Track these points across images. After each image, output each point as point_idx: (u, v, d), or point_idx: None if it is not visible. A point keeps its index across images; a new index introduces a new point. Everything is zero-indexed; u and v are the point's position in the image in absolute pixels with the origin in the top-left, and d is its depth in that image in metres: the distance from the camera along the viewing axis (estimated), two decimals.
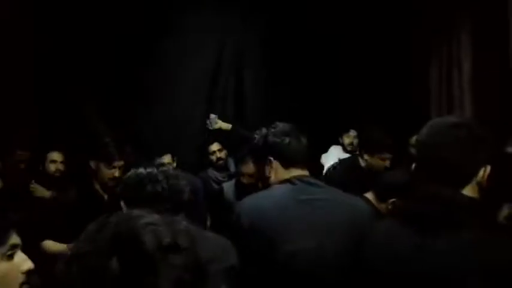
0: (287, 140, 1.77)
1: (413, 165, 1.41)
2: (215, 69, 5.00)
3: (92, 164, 2.74)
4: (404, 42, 4.34)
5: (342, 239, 1.61)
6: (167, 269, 0.60)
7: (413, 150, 3.17)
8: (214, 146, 4.22)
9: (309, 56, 4.88)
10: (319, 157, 4.41)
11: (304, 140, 1.82)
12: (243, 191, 2.84)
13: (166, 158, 3.73)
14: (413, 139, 3.14)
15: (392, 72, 4.44)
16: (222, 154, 4.20)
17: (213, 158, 4.20)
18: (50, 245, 2.58)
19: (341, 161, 3.59)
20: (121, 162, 2.71)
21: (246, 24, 5.03)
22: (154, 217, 0.67)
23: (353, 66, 4.72)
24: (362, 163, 3.07)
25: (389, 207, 2.30)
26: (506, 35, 3.56)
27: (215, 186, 4.06)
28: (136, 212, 0.68)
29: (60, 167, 3.55)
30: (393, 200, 2.28)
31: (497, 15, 3.62)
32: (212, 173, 4.21)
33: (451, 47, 3.94)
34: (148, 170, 1.63)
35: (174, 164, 3.72)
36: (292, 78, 4.91)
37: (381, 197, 2.34)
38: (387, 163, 3.00)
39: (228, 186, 3.55)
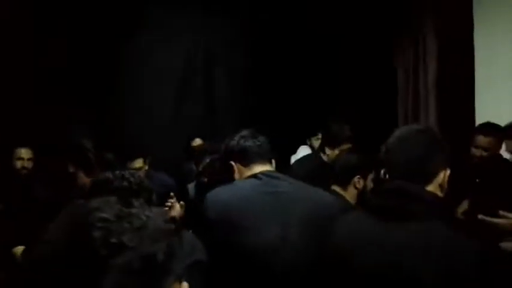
0: (242, 140, 1.87)
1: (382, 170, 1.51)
2: (185, 68, 5.00)
3: (71, 168, 2.73)
4: (372, 43, 4.43)
5: (306, 229, 1.67)
6: (110, 268, 0.60)
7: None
8: (196, 142, 4.39)
9: (280, 56, 4.93)
10: (288, 157, 4.43)
11: (262, 139, 1.91)
12: (203, 189, 2.83)
13: (138, 163, 3.62)
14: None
15: (360, 73, 4.53)
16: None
17: (194, 154, 4.23)
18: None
19: (304, 156, 3.63)
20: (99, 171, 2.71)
21: (217, 23, 5.04)
22: (111, 210, 0.67)
23: (323, 67, 4.79)
24: (324, 158, 3.12)
25: (357, 185, 2.39)
26: (470, 37, 3.69)
27: None
28: (95, 203, 0.68)
29: (27, 164, 3.43)
30: (358, 176, 2.38)
31: (462, 18, 3.74)
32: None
33: (417, 49, 4.04)
34: (116, 172, 1.66)
35: (146, 167, 3.64)
36: (263, 78, 4.95)
37: (343, 182, 2.41)
38: None
39: (191, 187, 3.57)
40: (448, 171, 1.37)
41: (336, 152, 3.01)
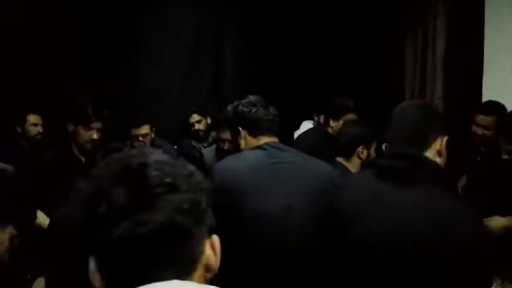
0: (254, 109, 1.88)
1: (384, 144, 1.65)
2: (195, 44, 5.00)
3: (70, 126, 2.75)
4: (381, 22, 4.41)
5: (310, 199, 1.73)
6: (164, 203, 0.66)
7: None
8: (193, 118, 4.15)
9: (290, 35, 4.91)
10: (292, 132, 4.45)
11: (272, 110, 1.92)
12: (222, 156, 2.87)
13: (144, 129, 3.61)
14: None
15: (369, 52, 4.52)
16: (201, 125, 4.12)
17: (193, 129, 4.13)
18: (42, 218, 2.59)
19: (308, 130, 3.66)
20: (98, 124, 2.74)
21: (227, 4, 5.05)
22: (164, 157, 0.74)
23: (331, 45, 4.77)
24: (329, 130, 3.16)
25: (361, 155, 2.43)
26: (481, 17, 3.67)
27: (197, 154, 4.01)
28: (150, 149, 0.77)
29: (41, 129, 3.53)
30: (361, 147, 2.43)
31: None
32: (194, 142, 4.15)
33: (426, 29, 4.03)
34: (127, 141, 1.73)
35: (153, 135, 3.67)
36: (272, 57, 4.96)
37: (347, 152, 2.46)
38: None
39: (208, 152, 3.57)
40: (446, 139, 1.49)
41: (341, 123, 3.06)
